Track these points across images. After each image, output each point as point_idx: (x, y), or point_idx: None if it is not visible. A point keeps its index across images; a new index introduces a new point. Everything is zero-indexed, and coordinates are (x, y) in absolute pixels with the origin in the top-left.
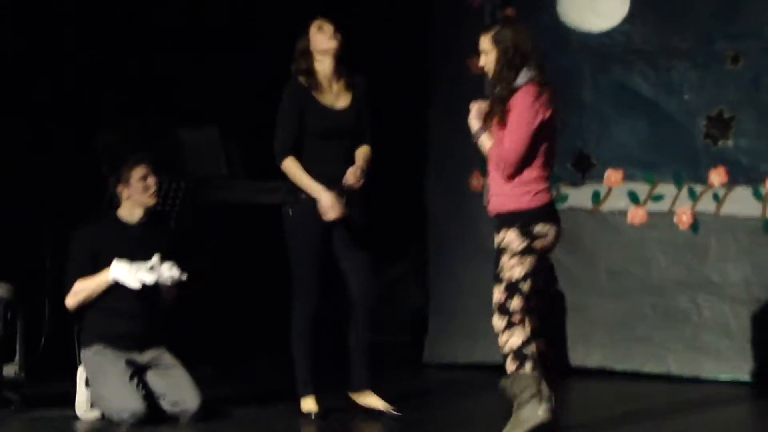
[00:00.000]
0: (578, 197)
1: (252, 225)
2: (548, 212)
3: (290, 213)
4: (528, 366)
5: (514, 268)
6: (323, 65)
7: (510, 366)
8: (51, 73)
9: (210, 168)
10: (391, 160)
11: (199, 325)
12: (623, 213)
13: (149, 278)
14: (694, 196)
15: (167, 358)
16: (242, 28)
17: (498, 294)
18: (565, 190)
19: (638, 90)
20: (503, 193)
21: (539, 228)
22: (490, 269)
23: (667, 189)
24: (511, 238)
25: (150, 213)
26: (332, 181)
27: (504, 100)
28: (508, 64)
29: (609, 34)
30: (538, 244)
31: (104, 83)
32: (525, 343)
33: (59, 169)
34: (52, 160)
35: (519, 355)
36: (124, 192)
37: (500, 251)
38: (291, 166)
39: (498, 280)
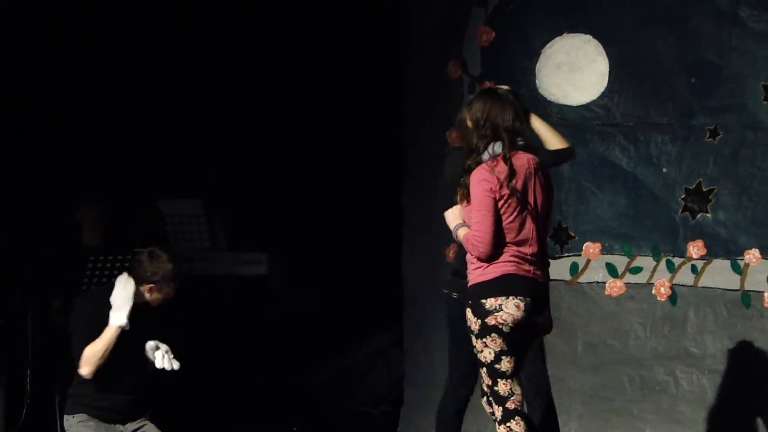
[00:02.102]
0: (556, 269)
1: (234, 296)
2: (503, 285)
3: (454, 297)
4: None
5: (482, 351)
6: None
7: None
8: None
9: (192, 240)
10: (369, 233)
11: (183, 396)
12: (601, 285)
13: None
14: (672, 269)
15: (150, 428)
16: (222, 102)
17: (484, 377)
18: None
19: (617, 163)
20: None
21: (490, 303)
22: None
23: (645, 261)
24: (468, 317)
25: None
26: None
27: (468, 174)
28: (479, 135)
29: (588, 108)
30: (493, 320)
31: (87, 151)
32: None
33: (35, 239)
34: (26, 230)
35: None
36: (144, 287)
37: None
38: None
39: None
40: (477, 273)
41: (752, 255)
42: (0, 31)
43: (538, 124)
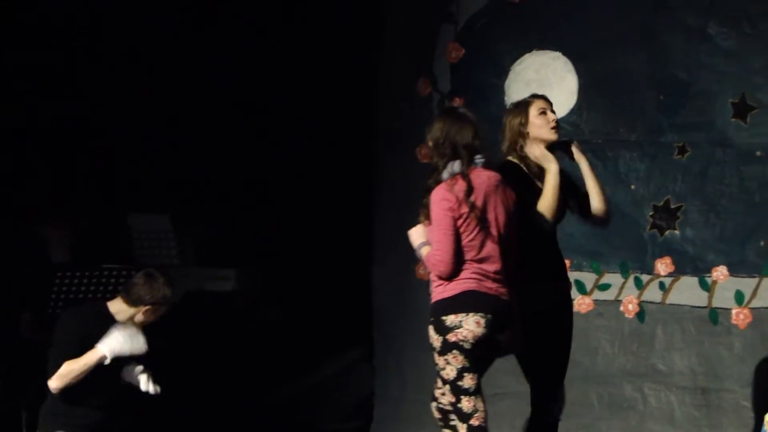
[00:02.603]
0: None
1: (202, 312)
2: (464, 301)
3: None
4: None
5: (444, 368)
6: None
7: None
8: None
9: (161, 256)
10: (339, 246)
11: (152, 412)
12: None
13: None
14: (640, 286)
15: None
16: (191, 117)
17: (447, 394)
18: None
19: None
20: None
21: (451, 320)
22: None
23: (613, 278)
24: (430, 335)
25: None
26: None
27: (428, 193)
28: (439, 155)
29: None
30: (454, 336)
31: (55, 166)
32: None
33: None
34: None
35: None
36: (131, 310)
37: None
38: None
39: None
40: (438, 290)
41: (720, 272)
42: None
43: (589, 176)
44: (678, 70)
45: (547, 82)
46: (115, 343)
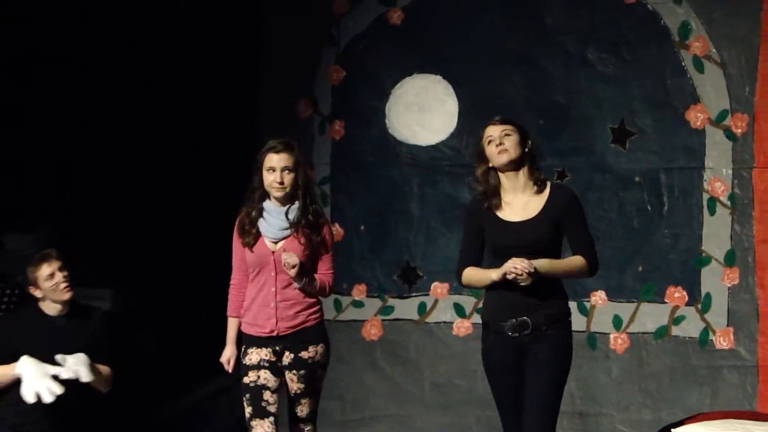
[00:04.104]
0: (405, 309)
1: None
2: None
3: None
4: None
5: None
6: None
7: None
8: None
9: None
10: (219, 267)
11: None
12: (449, 325)
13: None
14: None
15: None
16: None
17: None
18: (392, 301)
19: (466, 203)
20: None
21: None
22: None
23: None
24: None
25: (74, 304)
26: None
27: None
28: None
29: (438, 148)
30: None
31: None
32: None
33: None
34: None
35: None
36: (37, 293)
37: None
38: None
39: None
40: None
41: (598, 297)
42: None
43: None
44: (557, 95)
45: (427, 105)
46: (29, 370)
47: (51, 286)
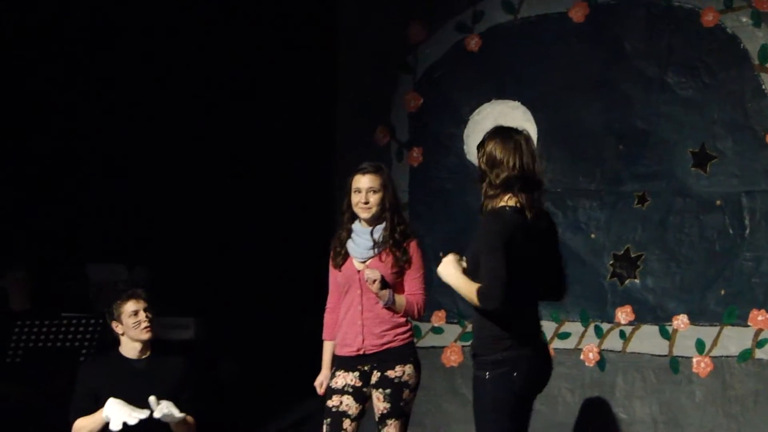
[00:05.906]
0: None
1: None
2: None
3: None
4: None
5: None
6: None
7: None
8: None
9: None
10: (299, 297)
11: None
12: None
13: (142, 416)
14: (600, 334)
15: None
16: (148, 166)
17: None
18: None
19: None
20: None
21: None
22: None
23: (573, 327)
24: None
25: (155, 347)
26: None
27: None
28: None
29: None
30: None
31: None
32: None
33: None
34: None
35: None
36: (118, 329)
37: None
38: None
39: None
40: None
41: (680, 321)
42: None
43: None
44: (637, 119)
45: None
46: (115, 411)
47: (133, 323)
